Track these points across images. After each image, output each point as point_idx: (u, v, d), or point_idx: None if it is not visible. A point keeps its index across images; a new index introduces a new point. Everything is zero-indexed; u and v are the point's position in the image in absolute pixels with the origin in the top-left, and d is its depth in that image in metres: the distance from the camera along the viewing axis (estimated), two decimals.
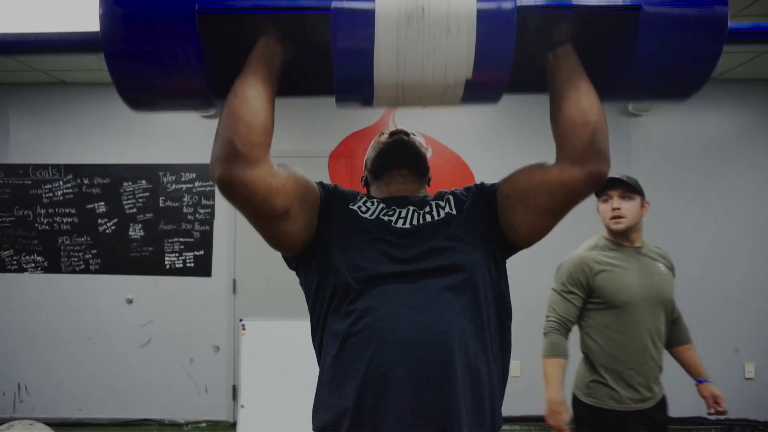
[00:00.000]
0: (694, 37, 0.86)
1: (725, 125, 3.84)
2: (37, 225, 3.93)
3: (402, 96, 0.90)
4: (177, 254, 3.92)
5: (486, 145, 3.93)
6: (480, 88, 0.90)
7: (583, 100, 0.92)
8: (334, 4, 0.82)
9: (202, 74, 0.85)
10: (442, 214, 1.03)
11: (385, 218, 1.02)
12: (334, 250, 0.99)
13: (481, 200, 1.07)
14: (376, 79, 0.87)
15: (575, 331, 1.94)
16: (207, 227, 3.90)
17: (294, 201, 0.95)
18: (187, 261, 3.91)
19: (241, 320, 3.85)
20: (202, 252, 3.92)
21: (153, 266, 3.92)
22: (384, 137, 1.17)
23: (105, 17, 0.82)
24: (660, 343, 1.88)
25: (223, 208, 3.90)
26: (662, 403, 1.93)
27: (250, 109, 0.87)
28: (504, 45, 0.85)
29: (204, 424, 3.90)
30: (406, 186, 1.13)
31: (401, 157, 1.12)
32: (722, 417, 1.85)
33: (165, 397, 3.92)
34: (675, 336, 2.03)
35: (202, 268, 3.92)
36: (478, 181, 1.15)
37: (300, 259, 1.06)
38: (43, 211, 3.93)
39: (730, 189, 3.81)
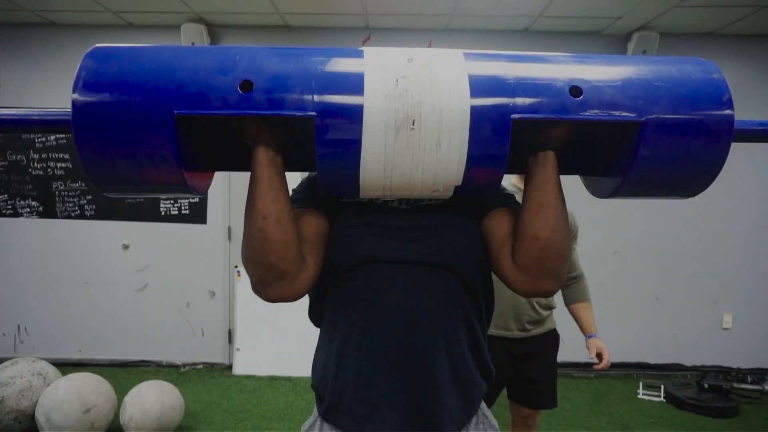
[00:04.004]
0: (699, 143, 0.83)
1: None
2: (30, 170, 3.93)
3: (389, 194, 0.89)
4: (172, 201, 3.94)
5: None
6: (470, 191, 0.89)
7: (541, 214, 0.86)
8: (318, 115, 0.78)
9: (180, 170, 0.81)
10: (440, 200, 1.01)
11: (380, 200, 1.01)
12: (334, 232, 0.98)
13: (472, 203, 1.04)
14: (362, 183, 0.85)
15: None
16: None
17: (322, 257, 0.96)
18: (182, 208, 3.94)
19: (236, 267, 3.93)
20: (196, 199, 3.95)
21: (148, 213, 3.94)
22: None
23: (78, 108, 0.77)
24: None
25: None
26: (535, 339, 2.03)
27: (284, 229, 0.84)
28: (496, 155, 0.83)
29: (201, 366, 4.03)
30: None
31: None
32: (602, 368, 1.99)
33: (162, 340, 4.03)
34: (572, 293, 2.12)
35: (198, 215, 3.96)
36: None
37: None
38: (36, 156, 3.91)
39: None
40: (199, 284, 4.02)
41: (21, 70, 3.88)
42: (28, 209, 3.96)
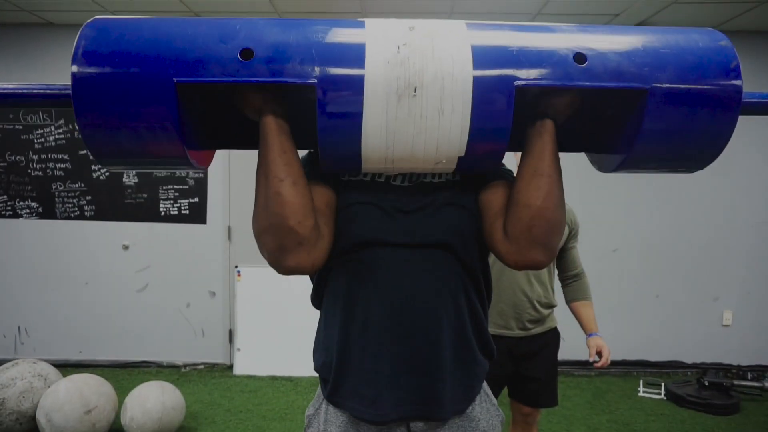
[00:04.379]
0: (706, 110, 0.81)
1: None
2: (30, 171, 3.92)
3: (391, 167, 0.86)
4: (172, 201, 3.94)
5: None
6: (473, 163, 0.86)
7: (535, 182, 0.85)
8: (318, 82, 0.77)
9: (181, 142, 0.81)
10: (442, 178, 1.02)
11: (382, 179, 1.00)
12: (336, 210, 0.98)
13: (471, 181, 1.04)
14: (364, 154, 0.83)
15: None
16: (201, 174, 3.91)
17: (334, 230, 0.95)
18: (182, 208, 3.94)
19: (236, 267, 3.92)
20: (196, 199, 3.94)
21: (148, 213, 3.94)
22: None
23: (77, 79, 0.76)
24: (538, 285, 1.99)
25: (218, 156, 3.88)
26: (535, 338, 2.02)
27: (301, 192, 0.83)
28: (500, 125, 0.80)
29: (202, 366, 4.03)
30: None
31: None
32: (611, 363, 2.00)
33: (163, 340, 4.02)
34: (573, 291, 2.12)
35: (197, 215, 3.96)
36: None
37: None
38: (35, 157, 3.91)
39: None
40: (199, 284, 4.02)
41: (18, 70, 3.87)
42: (27, 210, 3.95)
